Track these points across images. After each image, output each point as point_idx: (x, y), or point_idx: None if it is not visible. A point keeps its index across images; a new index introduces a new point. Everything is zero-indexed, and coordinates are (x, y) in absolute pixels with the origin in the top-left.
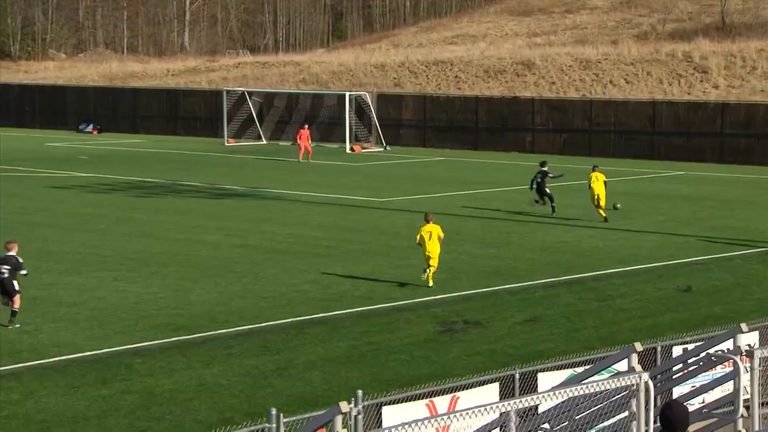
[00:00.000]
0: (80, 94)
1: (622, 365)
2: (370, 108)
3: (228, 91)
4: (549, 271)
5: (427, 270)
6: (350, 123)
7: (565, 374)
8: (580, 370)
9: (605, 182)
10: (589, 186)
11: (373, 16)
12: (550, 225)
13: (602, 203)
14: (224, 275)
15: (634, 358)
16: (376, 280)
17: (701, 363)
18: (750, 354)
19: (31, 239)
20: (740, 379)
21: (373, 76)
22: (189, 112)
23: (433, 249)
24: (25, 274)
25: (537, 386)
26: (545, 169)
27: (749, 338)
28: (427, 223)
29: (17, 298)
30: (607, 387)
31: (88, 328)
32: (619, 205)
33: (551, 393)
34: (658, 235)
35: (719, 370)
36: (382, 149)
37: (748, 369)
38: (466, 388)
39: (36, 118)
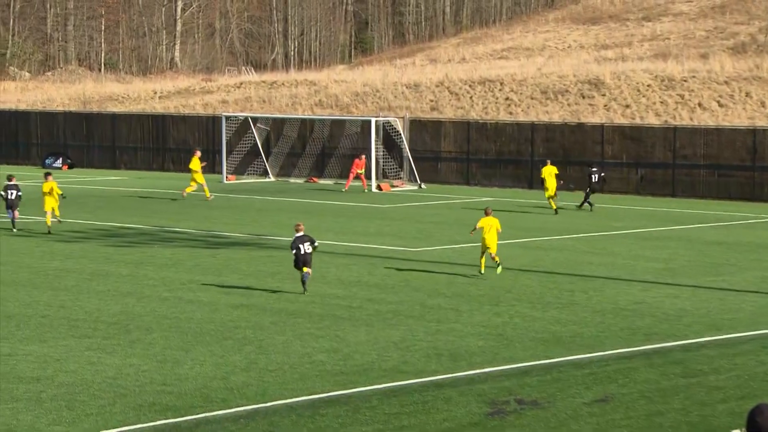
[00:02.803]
0: (47, 121)
1: None
2: (401, 137)
3: (227, 117)
4: (623, 339)
5: (481, 261)
6: (377, 156)
7: None
8: None
9: (557, 175)
10: (543, 179)
11: (405, 25)
12: (624, 282)
13: (553, 196)
14: (222, 343)
15: None
16: (408, 348)
17: None
18: None
19: None
20: None
21: (405, 98)
22: (180, 143)
23: (492, 240)
24: (317, 246)
25: None
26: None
27: None
28: (486, 216)
29: (310, 269)
30: None
31: (53, 410)
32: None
33: None
34: (762, 295)
35: None
36: (415, 187)
37: None
38: None
39: None
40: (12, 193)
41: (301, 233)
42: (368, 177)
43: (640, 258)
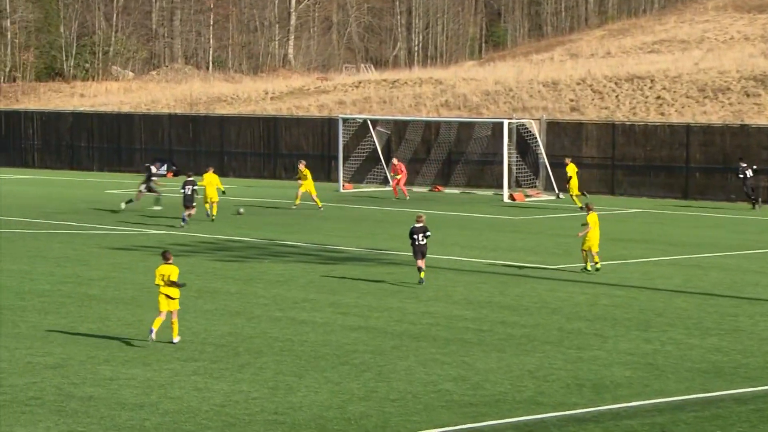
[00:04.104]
0: (151, 124)
1: None
2: (536, 141)
3: (345, 120)
4: None
5: (589, 259)
6: (509, 162)
7: None
8: None
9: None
10: (569, 177)
11: (542, 15)
12: None
13: (576, 193)
14: (338, 368)
15: None
16: (545, 378)
17: None
18: None
19: (84, 317)
20: None
21: (541, 98)
22: (293, 148)
23: (596, 238)
24: (429, 236)
25: None
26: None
27: None
28: (590, 212)
29: (423, 261)
30: None
31: None
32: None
33: None
34: None
35: None
36: (552, 197)
37: None
38: None
39: (94, 157)
40: (188, 189)
41: (419, 224)
42: (499, 186)
43: None
